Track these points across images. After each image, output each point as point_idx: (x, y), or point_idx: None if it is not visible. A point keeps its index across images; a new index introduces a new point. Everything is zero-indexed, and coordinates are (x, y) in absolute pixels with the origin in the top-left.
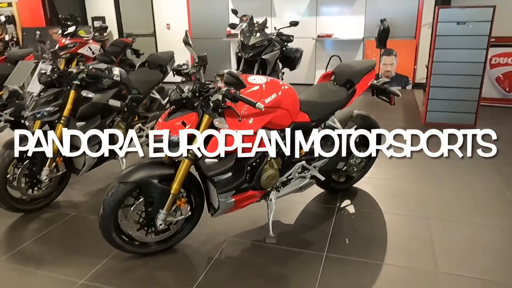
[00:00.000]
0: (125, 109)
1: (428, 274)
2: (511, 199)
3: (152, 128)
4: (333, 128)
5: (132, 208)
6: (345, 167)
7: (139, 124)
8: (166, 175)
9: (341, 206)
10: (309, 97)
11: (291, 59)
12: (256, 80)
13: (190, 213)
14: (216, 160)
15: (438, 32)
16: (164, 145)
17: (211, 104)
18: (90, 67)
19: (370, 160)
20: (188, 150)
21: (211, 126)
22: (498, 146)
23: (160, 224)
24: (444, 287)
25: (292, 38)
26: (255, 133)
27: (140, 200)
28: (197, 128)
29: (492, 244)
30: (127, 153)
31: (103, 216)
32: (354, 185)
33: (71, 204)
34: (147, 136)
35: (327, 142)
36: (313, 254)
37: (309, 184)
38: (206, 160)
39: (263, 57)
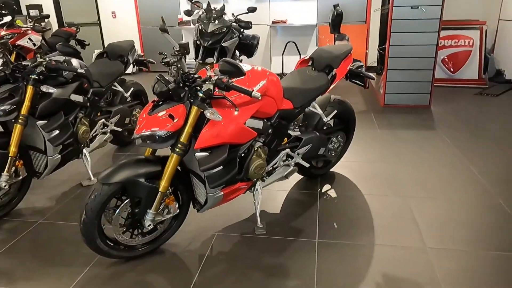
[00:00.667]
0: (88, 104)
1: (418, 251)
2: (475, 172)
3: (122, 124)
4: (314, 114)
5: (117, 211)
6: (325, 152)
7: (103, 120)
8: (153, 172)
9: (322, 191)
10: (291, 83)
11: (248, 46)
12: (247, 67)
13: (178, 211)
14: (206, 153)
15: (394, 16)
16: (151, 140)
17: (200, 95)
18: (48, 59)
19: (346, 144)
20: (175, 145)
21: (199, 118)
22: (455, 124)
23: (149, 225)
24: (436, 262)
25: (250, 25)
26: (244, 123)
27: (126, 201)
28: (185, 120)
29: (469, 217)
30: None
31: (86, 221)
32: (330, 170)
33: (36, 211)
34: (111, 132)
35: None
36: (305, 242)
37: (293, 171)
38: (197, 154)
39: (222, 44)
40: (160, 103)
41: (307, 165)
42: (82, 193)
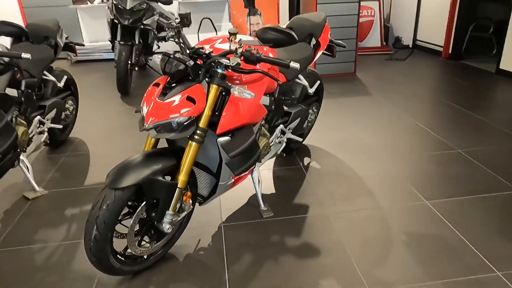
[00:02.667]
0: (22, 99)
1: (420, 207)
2: (423, 127)
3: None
4: (300, 86)
5: (133, 218)
6: (305, 124)
7: (38, 117)
8: (169, 167)
9: (305, 164)
10: (279, 56)
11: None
12: (249, 39)
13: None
14: (228, 138)
15: None
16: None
17: (219, 71)
18: None
19: (317, 115)
20: (194, 132)
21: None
22: (383, 87)
23: (168, 228)
24: (442, 212)
25: (171, 0)
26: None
27: (142, 205)
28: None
29: (441, 169)
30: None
31: (99, 238)
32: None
33: None
34: (49, 131)
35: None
36: (317, 216)
37: (282, 147)
38: (220, 140)
39: (144, 22)
40: (173, 84)
41: (300, 139)
42: (33, 208)
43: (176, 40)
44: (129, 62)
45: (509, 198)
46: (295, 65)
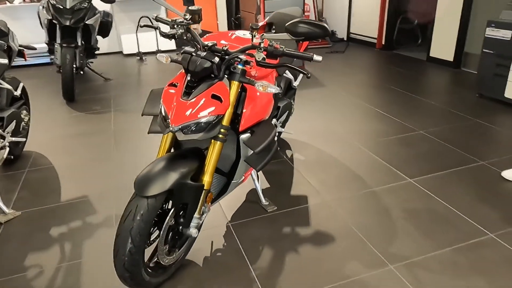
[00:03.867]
0: None
1: (406, 185)
2: (382, 112)
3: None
4: (287, 79)
5: (163, 226)
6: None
7: None
8: (194, 169)
9: (289, 157)
10: None
11: (104, 25)
12: (247, 35)
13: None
14: (249, 134)
15: None
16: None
17: (240, 67)
18: None
19: None
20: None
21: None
22: (334, 78)
23: (195, 233)
24: (427, 188)
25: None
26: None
27: (171, 211)
28: None
29: (411, 149)
30: None
31: (134, 251)
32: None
33: None
34: (10, 145)
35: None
36: (320, 204)
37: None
38: (242, 137)
39: (87, 22)
40: (195, 83)
41: (292, 132)
42: (10, 232)
43: (185, 37)
44: (74, 65)
45: (477, 169)
46: (318, 58)
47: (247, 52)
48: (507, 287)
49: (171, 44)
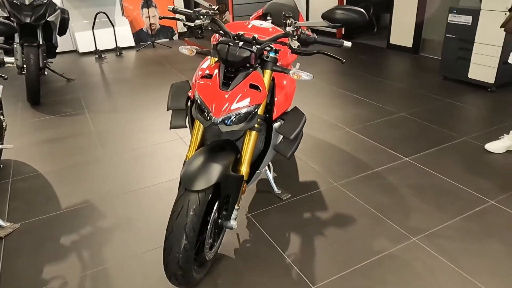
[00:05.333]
0: None
1: (405, 163)
2: (362, 98)
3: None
4: None
5: (210, 219)
6: None
7: None
8: (233, 160)
9: None
10: None
11: (62, 22)
12: (263, 24)
13: None
14: (280, 123)
15: None
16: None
17: (271, 56)
18: None
19: None
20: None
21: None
22: (308, 70)
23: (236, 225)
24: (424, 165)
25: None
26: None
27: (216, 204)
28: None
29: (398, 131)
30: None
31: (188, 247)
32: None
33: None
34: None
35: None
36: (330, 188)
37: None
38: (275, 125)
39: (49, 19)
40: (232, 74)
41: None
42: (13, 246)
43: (211, 28)
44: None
45: (462, 144)
46: (348, 43)
47: (278, 40)
48: None
49: (130, 41)
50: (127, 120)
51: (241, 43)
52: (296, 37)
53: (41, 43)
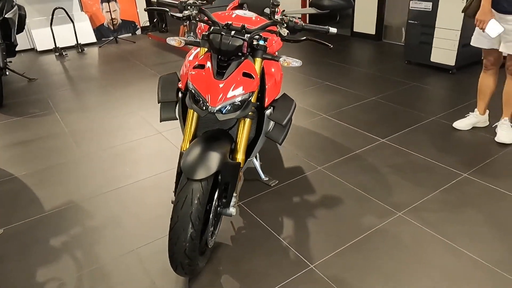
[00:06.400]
0: None
1: (382, 144)
2: (319, 81)
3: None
4: None
5: (213, 207)
6: None
7: None
8: (230, 149)
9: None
10: None
11: (18, 19)
12: (247, 13)
13: None
14: (271, 110)
15: None
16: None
17: (261, 44)
18: None
19: None
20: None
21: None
22: None
23: (235, 212)
24: (399, 144)
25: None
26: None
27: (217, 192)
28: None
29: (372, 115)
30: None
31: (194, 235)
32: None
33: None
34: None
35: None
36: (315, 172)
37: None
38: (267, 112)
39: (6, 16)
40: (225, 63)
41: None
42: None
43: (198, 18)
44: None
45: (432, 124)
46: (333, 30)
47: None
48: (493, 212)
49: (91, 37)
50: (99, 118)
51: (232, 32)
52: (285, 25)
53: (0, 41)
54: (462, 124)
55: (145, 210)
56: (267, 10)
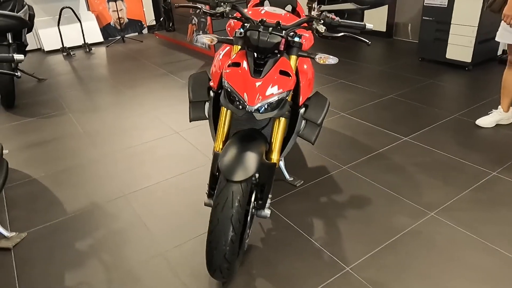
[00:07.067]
0: None
1: (406, 143)
2: (333, 79)
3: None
4: None
5: (250, 209)
6: None
7: None
8: (265, 149)
9: None
10: None
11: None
12: (276, 10)
13: None
14: (304, 108)
15: None
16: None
17: (296, 40)
18: None
19: None
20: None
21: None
22: None
23: (269, 213)
24: (422, 143)
25: None
26: None
27: (254, 192)
28: None
29: (391, 112)
30: None
31: (235, 239)
32: None
33: None
34: None
35: None
36: (340, 172)
37: None
38: (301, 111)
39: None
40: (262, 61)
41: None
42: (25, 256)
43: (231, 15)
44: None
45: (454, 121)
46: (370, 25)
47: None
48: None
49: (98, 37)
50: (113, 118)
51: (270, 29)
52: (322, 21)
53: (11, 41)
54: (485, 121)
55: (170, 212)
56: (288, 8)
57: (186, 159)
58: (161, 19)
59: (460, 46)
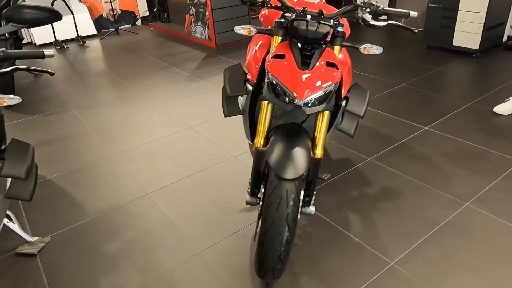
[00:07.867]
0: None
1: (426, 132)
2: (360, 73)
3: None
4: None
5: (300, 207)
6: None
7: None
8: (310, 144)
9: None
10: None
11: None
12: None
13: None
14: (345, 100)
15: None
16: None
17: (339, 30)
18: None
19: None
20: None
21: None
22: None
23: (314, 210)
24: (443, 131)
25: None
26: None
27: (303, 190)
28: None
29: (406, 102)
30: None
31: (289, 239)
32: None
33: None
34: None
35: None
36: (366, 164)
37: None
38: (343, 103)
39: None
40: (309, 52)
41: None
42: (52, 262)
43: (270, 5)
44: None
45: (471, 109)
46: (414, 13)
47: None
48: None
49: (91, 29)
50: (120, 114)
51: (317, 19)
52: (368, 9)
53: (7, 35)
54: (503, 108)
55: (197, 210)
56: None
57: (205, 155)
58: (154, 10)
59: (468, 33)
